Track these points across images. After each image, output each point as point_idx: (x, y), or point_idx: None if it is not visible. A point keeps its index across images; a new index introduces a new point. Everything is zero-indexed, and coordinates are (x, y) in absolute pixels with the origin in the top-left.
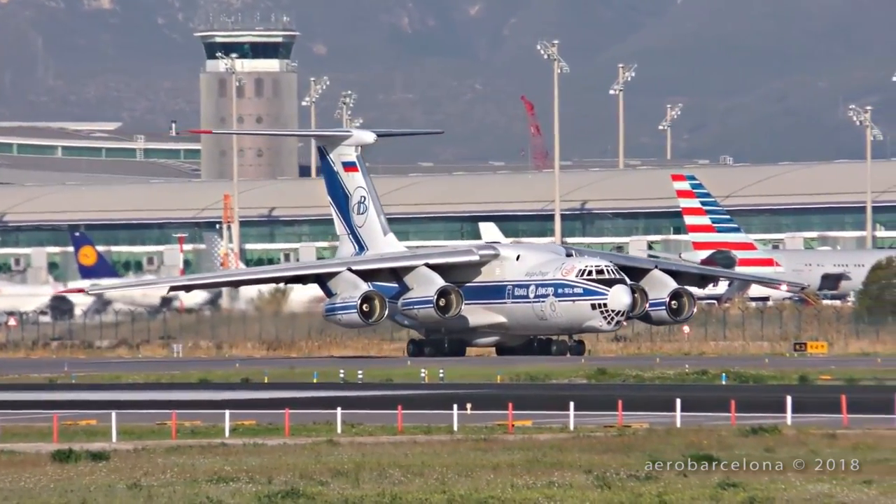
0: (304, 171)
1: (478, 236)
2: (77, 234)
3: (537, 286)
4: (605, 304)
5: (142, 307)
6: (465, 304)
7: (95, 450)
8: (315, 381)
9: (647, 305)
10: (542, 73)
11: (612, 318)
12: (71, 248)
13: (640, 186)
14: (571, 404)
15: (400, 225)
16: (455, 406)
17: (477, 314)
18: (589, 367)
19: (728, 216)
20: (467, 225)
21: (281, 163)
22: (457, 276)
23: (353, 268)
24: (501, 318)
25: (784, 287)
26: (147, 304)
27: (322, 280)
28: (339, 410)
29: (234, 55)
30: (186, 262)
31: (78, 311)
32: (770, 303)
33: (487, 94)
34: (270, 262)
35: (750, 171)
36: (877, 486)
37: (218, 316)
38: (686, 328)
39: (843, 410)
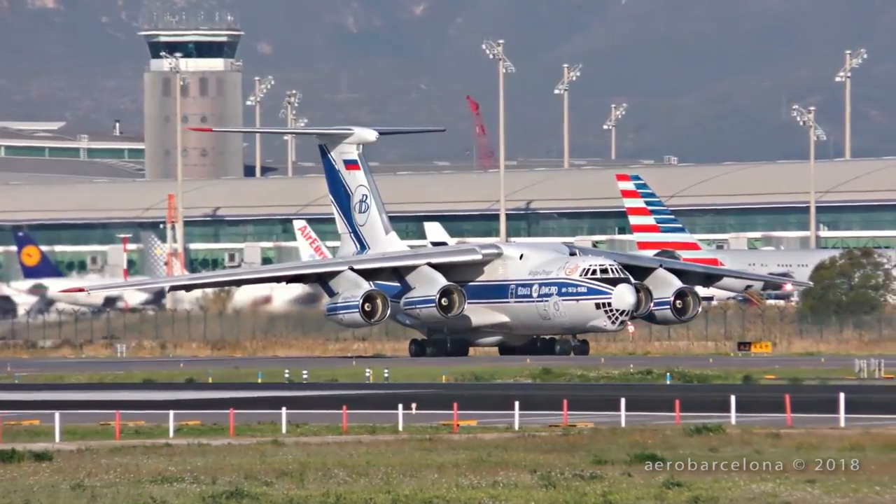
0: (249, 171)
1: (423, 236)
2: (20, 233)
3: (541, 285)
4: (609, 304)
5: (85, 307)
6: (468, 303)
7: (39, 450)
8: (260, 381)
9: (652, 305)
10: (488, 72)
11: (617, 318)
12: (14, 248)
13: (585, 186)
14: (517, 404)
15: None
16: (400, 406)
17: (480, 314)
18: (534, 367)
19: (672, 216)
20: (412, 225)
21: (225, 163)
22: (459, 275)
23: (355, 267)
24: (504, 318)
25: (789, 286)
26: (90, 303)
27: (323, 279)
28: (283, 410)
29: (178, 54)
30: (130, 262)
31: (21, 311)
32: (714, 302)
33: (433, 93)
34: (215, 262)
35: (694, 171)
36: (820, 485)
37: (162, 316)
38: (631, 327)
39: (786, 410)
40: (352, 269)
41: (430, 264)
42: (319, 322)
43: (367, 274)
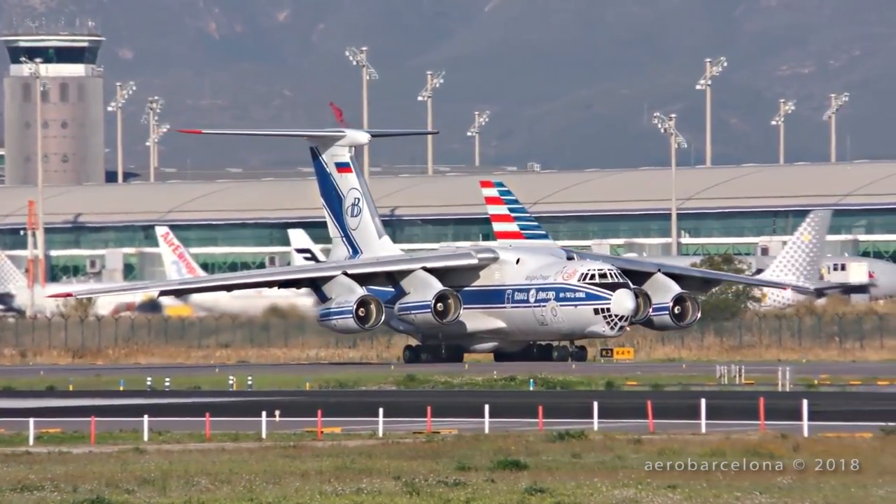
0: (111, 178)
1: (287, 243)
2: None
3: (538, 290)
4: (608, 309)
5: None
6: (464, 308)
7: None
8: (122, 388)
9: (651, 310)
10: (352, 78)
11: (616, 324)
12: None
13: (449, 193)
14: (381, 411)
15: (208, 232)
16: (264, 413)
17: (475, 319)
18: (398, 374)
19: (536, 223)
20: (277, 232)
21: (87, 169)
22: (455, 279)
23: (349, 271)
24: (501, 323)
25: (789, 291)
26: None
27: (316, 284)
28: (145, 418)
29: (38, 59)
30: None
31: None
32: None
33: (296, 99)
34: (76, 269)
35: (557, 178)
36: (681, 490)
37: (22, 323)
38: None
39: (648, 416)
40: (345, 273)
41: (425, 269)
42: (183, 329)
43: (361, 278)
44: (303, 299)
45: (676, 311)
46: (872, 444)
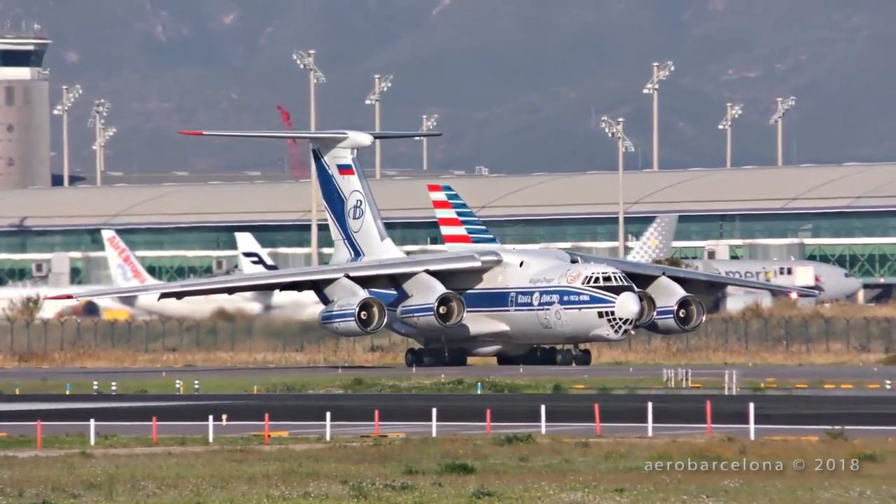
0: (57, 181)
1: (234, 246)
2: None
3: (542, 293)
4: (612, 312)
5: None
6: (467, 311)
7: None
8: (68, 392)
9: (655, 314)
10: (299, 82)
11: (620, 327)
12: None
13: (396, 196)
14: (328, 414)
15: (154, 235)
16: (211, 417)
17: (478, 322)
18: (346, 378)
19: (483, 226)
20: (224, 235)
21: (33, 172)
22: (458, 282)
23: (351, 274)
24: (504, 327)
25: (794, 295)
26: None
27: (318, 287)
28: (92, 422)
29: None
30: None
31: None
32: None
33: (244, 103)
34: (22, 272)
35: (505, 182)
36: (628, 493)
37: None
38: None
39: (596, 419)
40: (347, 276)
41: (427, 271)
42: (129, 333)
43: (363, 281)
44: (251, 304)
45: (681, 314)
46: (818, 447)
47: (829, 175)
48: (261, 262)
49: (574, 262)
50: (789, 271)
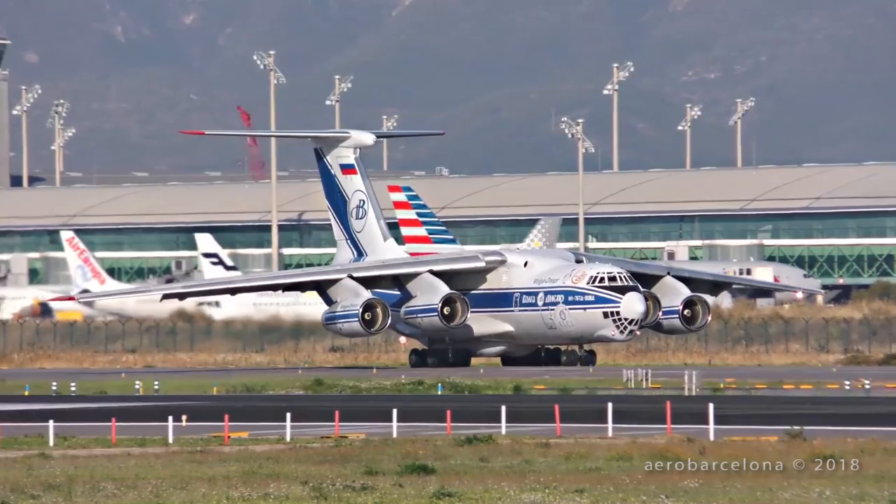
0: (16, 182)
1: (194, 247)
2: None
3: (546, 293)
4: (617, 313)
5: None
6: (471, 312)
7: None
8: (27, 393)
9: (660, 314)
10: (259, 82)
11: (626, 327)
12: None
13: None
14: (288, 415)
15: (114, 236)
16: (170, 418)
17: (483, 323)
18: (306, 379)
19: (444, 227)
20: (183, 236)
21: None
22: (462, 283)
23: (355, 274)
24: (508, 327)
25: (799, 294)
26: None
27: (322, 287)
28: (51, 423)
29: None
30: None
31: None
32: None
33: (203, 103)
34: None
35: (465, 183)
36: (588, 494)
37: None
38: (403, 339)
39: (556, 420)
40: (351, 276)
41: (431, 272)
42: (88, 334)
43: (367, 282)
44: (210, 307)
45: (686, 314)
46: (778, 448)
47: (788, 176)
48: (220, 262)
49: (579, 261)
50: (748, 272)
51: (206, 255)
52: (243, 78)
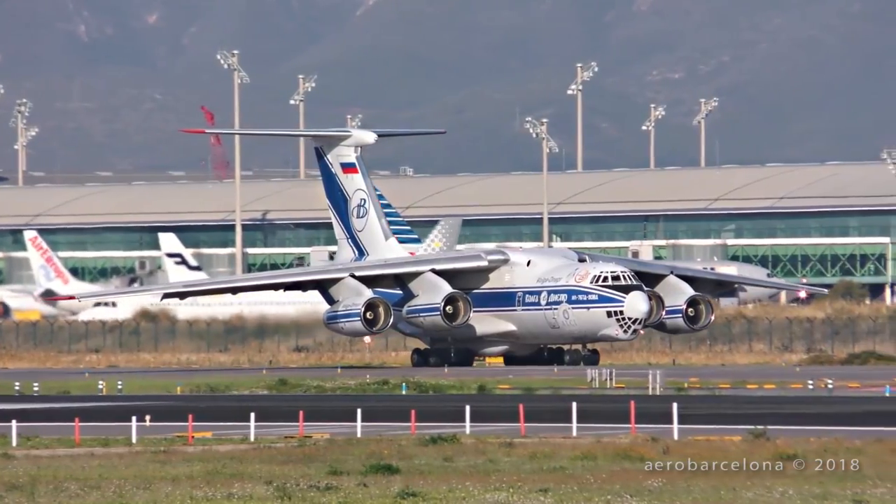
0: None
1: (157, 247)
2: None
3: (549, 292)
4: (621, 312)
5: None
6: (473, 311)
7: None
8: None
9: (664, 313)
10: (223, 82)
11: (629, 327)
12: None
13: (321, 197)
14: (252, 415)
15: (77, 236)
16: (134, 418)
17: (485, 322)
18: (270, 378)
19: (408, 227)
20: (147, 236)
21: None
22: (464, 282)
23: (357, 273)
24: (511, 327)
25: (803, 293)
26: None
27: (323, 286)
28: (14, 423)
29: None
30: None
31: None
32: None
33: (167, 103)
34: None
35: (430, 183)
36: (552, 494)
37: None
38: (367, 338)
39: (520, 419)
40: (353, 275)
41: (434, 271)
42: (52, 334)
43: (369, 281)
44: (181, 308)
45: (690, 313)
46: (741, 447)
47: (751, 176)
48: (184, 262)
49: (582, 260)
50: (712, 271)
51: (170, 255)
52: (207, 77)
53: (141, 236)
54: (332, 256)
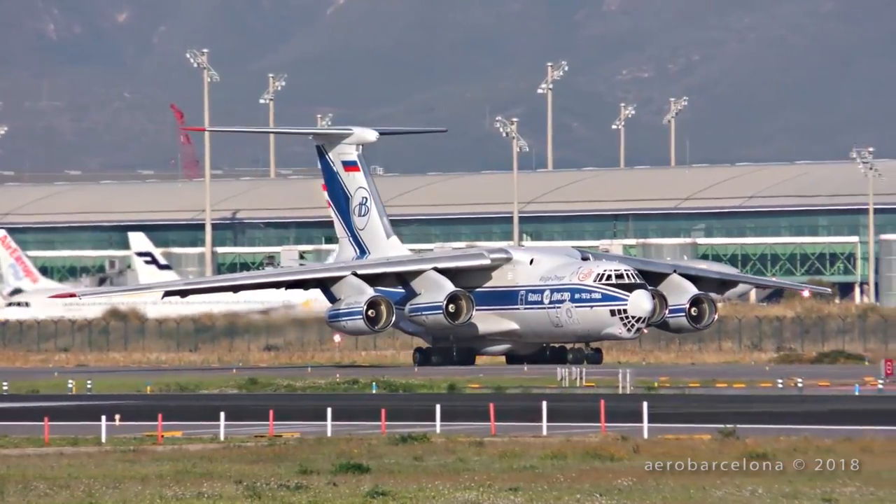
0: None
1: (127, 246)
2: None
3: (552, 291)
4: (625, 311)
5: None
6: (476, 310)
7: None
8: None
9: (667, 312)
10: (193, 81)
11: (633, 325)
12: None
13: (291, 196)
14: (222, 414)
15: (46, 235)
16: (103, 417)
17: (488, 321)
18: (240, 378)
19: None
20: (116, 235)
21: None
22: (467, 280)
23: (359, 272)
24: (514, 325)
25: (806, 292)
26: None
27: (325, 285)
28: None
29: None
30: None
31: None
32: None
33: (136, 101)
34: None
35: (399, 181)
36: (523, 493)
37: None
38: (337, 337)
39: (491, 419)
40: (355, 273)
41: (436, 269)
42: (21, 333)
43: (371, 279)
44: (151, 307)
45: (693, 312)
46: (711, 446)
47: (721, 175)
48: (154, 261)
49: (585, 259)
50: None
51: (140, 254)
52: (177, 76)
53: (110, 235)
54: (302, 255)
